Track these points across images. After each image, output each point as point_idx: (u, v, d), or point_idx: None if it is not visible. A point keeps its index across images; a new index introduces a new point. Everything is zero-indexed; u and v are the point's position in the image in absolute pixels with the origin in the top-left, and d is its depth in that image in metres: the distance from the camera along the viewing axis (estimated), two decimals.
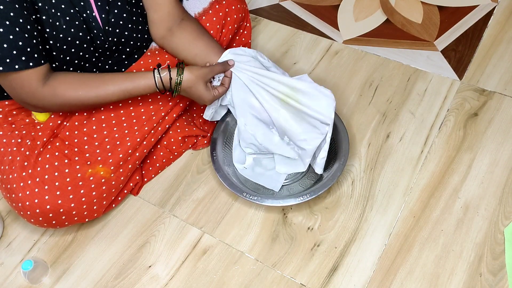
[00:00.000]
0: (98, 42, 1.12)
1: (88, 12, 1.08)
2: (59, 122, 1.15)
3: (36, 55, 0.99)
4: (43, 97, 1.03)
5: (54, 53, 1.07)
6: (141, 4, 1.17)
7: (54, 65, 1.08)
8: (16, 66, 0.97)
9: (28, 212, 1.07)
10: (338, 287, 1.10)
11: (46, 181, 1.06)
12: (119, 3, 1.11)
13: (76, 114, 1.18)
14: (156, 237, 1.21)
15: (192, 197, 1.27)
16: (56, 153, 1.10)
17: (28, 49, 0.98)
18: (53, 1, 1.03)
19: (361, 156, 1.30)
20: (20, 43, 0.96)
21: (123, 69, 1.23)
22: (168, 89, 1.11)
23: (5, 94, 1.17)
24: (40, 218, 1.07)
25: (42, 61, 1.01)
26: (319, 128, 1.14)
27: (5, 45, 0.95)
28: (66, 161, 1.09)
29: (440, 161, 1.27)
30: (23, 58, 0.97)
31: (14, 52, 0.96)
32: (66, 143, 1.12)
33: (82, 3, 1.07)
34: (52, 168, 1.08)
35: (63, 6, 1.04)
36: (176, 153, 1.34)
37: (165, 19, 1.19)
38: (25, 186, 1.06)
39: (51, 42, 1.05)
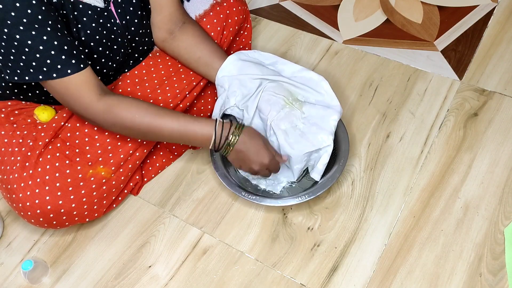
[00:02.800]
0: (122, 50, 1.12)
1: (112, 21, 1.08)
2: (62, 123, 1.14)
3: (83, 56, 0.98)
4: (96, 112, 1.01)
5: None
6: (149, 7, 1.17)
7: None
8: (69, 71, 0.95)
9: (29, 213, 1.07)
10: (338, 287, 1.10)
11: (47, 181, 1.06)
12: (131, 8, 1.11)
13: None
14: (156, 237, 1.21)
15: (192, 197, 1.27)
16: (57, 154, 1.10)
17: (75, 52, 0.96)
18: (76, 13, 1.02)
19: (361, 156, 1.30)
20: (66, 47, 0.94)
21: (125, 70, 1.23)
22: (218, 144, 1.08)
23: (8, 93, 1.17)
24: (41, 219, 1.07)
25: (89, 62, 0.99)
26: (311, 139, 1.12)
27: (52, 52, 0.93)
28: (67, 161, 1.09)
29: (440, 161, 1.27)
30: (73, 61, 0.95)
31: (63, 57, 0.94)
32: (67, 143, 1.12)
33: (106, 13, 1.07)
34: (53, 168, 1.08)
35: (84, 19, 1.03)
36: (176, 153, 1.34)
37: (167, 21, 1.19)
38: (25, 186, 1.06)
39: None
